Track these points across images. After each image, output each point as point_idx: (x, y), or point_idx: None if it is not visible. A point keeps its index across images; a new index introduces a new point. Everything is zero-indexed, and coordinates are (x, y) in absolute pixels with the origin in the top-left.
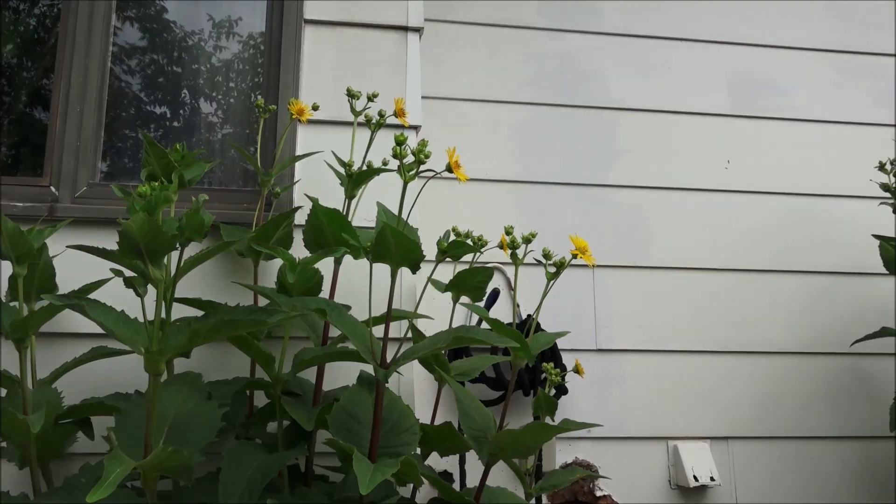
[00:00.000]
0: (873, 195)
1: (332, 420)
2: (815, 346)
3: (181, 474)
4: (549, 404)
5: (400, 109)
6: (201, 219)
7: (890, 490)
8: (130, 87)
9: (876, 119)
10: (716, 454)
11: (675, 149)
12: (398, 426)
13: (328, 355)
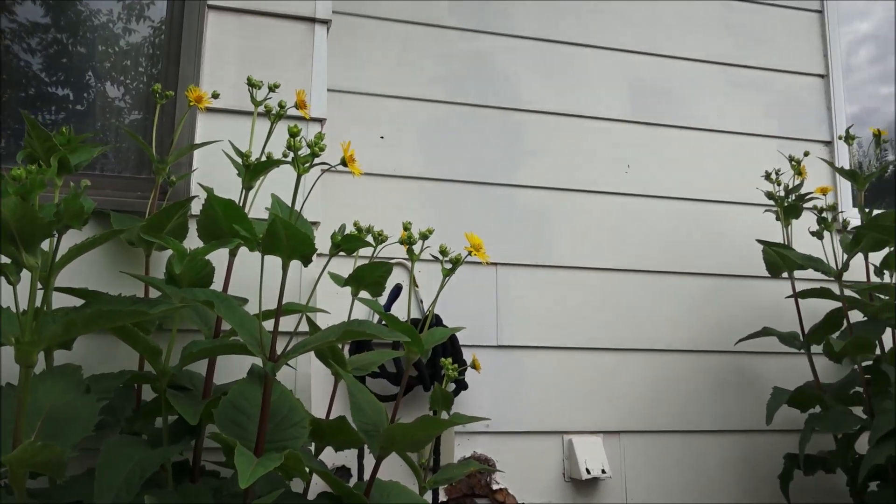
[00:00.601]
0: (760, 202)
1: (218, 414)
2: (703, 344)
3: (53, 470)
4: (445, 398)
5: (301, 101)
6: (81, 205)
7: (768, 480)
8: (30, 66)
9: (765, 131)
10: (608, 447)
11: (579, 152)
12: (288, 420)
13: (216, 348)
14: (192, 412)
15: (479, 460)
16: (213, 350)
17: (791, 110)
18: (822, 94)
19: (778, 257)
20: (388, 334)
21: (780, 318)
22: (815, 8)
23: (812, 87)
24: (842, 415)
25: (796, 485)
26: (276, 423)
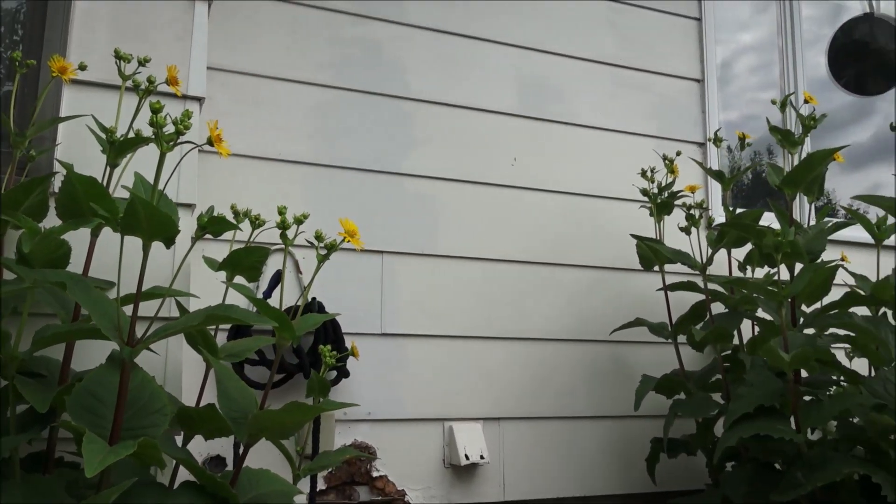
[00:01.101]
0: (637, 199)
1: (70, 401)
2: (582, 333)
3: None
4: (322, 386)
5: (173, 77)
6: None
7: (639, 463)
8: None
9: (644, 130)
10: (488, 434)
11: (468, 143)
12: (148, 407)
13: (70, 333)
14: (42, 399)
15: (359, 448)
16: (67, 335)
17: (669, 112)
18: (698, 98)
19: (650, 251)
20: (254, 319)
21: (654, 309)
22: (694, 15)
23: (689, 91)
24: (702, 400)
25: (662, 466)
26: (135, 411)
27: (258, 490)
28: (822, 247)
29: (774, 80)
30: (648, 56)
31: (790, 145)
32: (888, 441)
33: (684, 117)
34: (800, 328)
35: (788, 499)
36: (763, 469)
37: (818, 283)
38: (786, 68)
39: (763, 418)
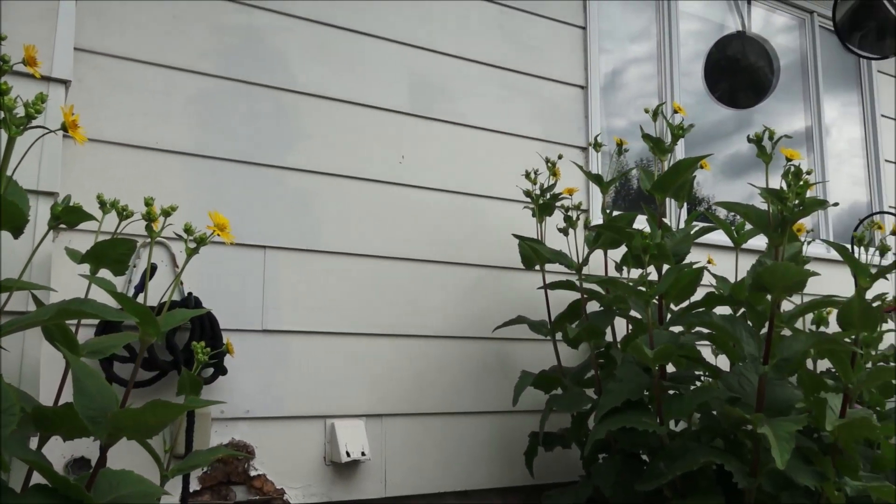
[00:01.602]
0: (521, 199)
1: None
2: (466, 331)
3: None
4: (193, 383)
5: (31, 57)
6: None
7: (519, 457)
8: None
9: (530, 133)
10: (371, 431)
11: (355, 139)
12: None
13: None
14: None
15: (236, 447)
16: None
17: (554, 116)
18: (582, 104)
19: (531, 251)
20: (112, 314)
21: (536, 307)
22: (580, 24)
23: (573, 97)
24: (576, 395)
25: (540, 460)
26: None
27: (119, 492)
28: (687, 249)
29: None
30: (536, 61)
31: (660, 152)
32: (742, 432)
33: (568, 122)
34: (666, 326)
35: (651, 487)
36: (630, 460)
37: (685, 284)
38: (664, 80)
39: (630, 412)
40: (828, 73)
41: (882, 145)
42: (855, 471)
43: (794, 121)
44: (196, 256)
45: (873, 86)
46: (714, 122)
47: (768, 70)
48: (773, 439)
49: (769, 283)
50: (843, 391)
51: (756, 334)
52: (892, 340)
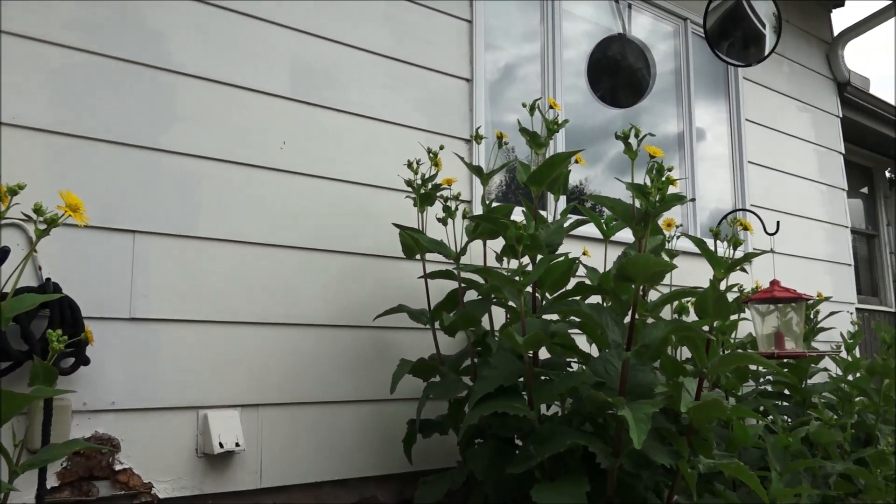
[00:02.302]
0: (404, 189)
1: None
2: (347, 319)
3: None
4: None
5: None
6: None
7: (398, 444)
8: None
9: (416, 123)
10: (246, 421)
11: (236, 123)
12: None
13: None
14: None
15: (100, 440)
16: None
17: (440, 108)
18: (467, 97)
19: (411, 241)
20: None
21: (418, 296)
22: (466, 17)
23: (459, 89)
24: (452, 382)
25: (419, 447)
26: None
27: None
28: (559, 240)
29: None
30: (423, 52)
31: (536, 146)
32: (609, 415)
33: (454, 114)
34: (539, 314)
35: (521, 470)
36: (504, 444)
37: (559, 275)
38: (547, 78)
39: (503, 397)
40: (708, 79)
41: (746, 148)
42: (709, 449)
43: (681, 122)
44: (59, 241)
45: (739, 91)
46: (604, 120)
47: (646, 72)
48: (631, 421)
49: (632, 273)
50: (698, 375)
51: (621, 322)
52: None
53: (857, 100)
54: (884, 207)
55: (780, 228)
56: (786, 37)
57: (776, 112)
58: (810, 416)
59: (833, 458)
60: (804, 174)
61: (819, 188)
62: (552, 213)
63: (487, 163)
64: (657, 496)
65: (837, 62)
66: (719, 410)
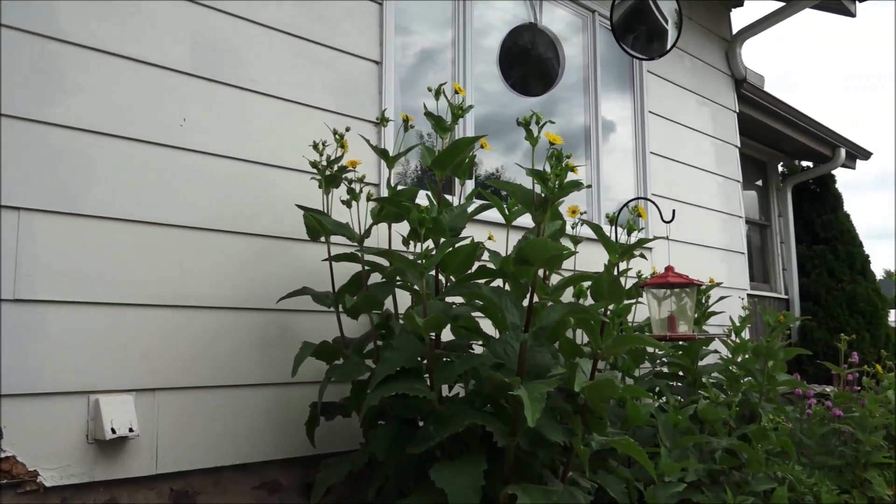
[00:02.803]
0: (310, 170)
1: None
2: (250, 301)
3: None
4: None
5: None
6: None
7: (300, 428)
8: None
9: (324, 105)
10: (142, 406)
11: (131, 97)
12: None
13: None
14: None
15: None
16: None
17: (349, 89)
18: (377, 79)
19: (315, 222)
20: None
21: (323, 279)
22: (377, 0)
23: (368, 72)
24: (354, 365)
25: (323, 430)
26: None
27: None
28: (462, 224)
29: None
30: (332, 32)
31: (441, 130)
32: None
33: (362, 97)
34: (442, 297)
35: (421, 450)
36: (405, 426)
37: (462, 258)
38: (458, 63)
39: (404, 379)
40: (618, 71)
41: (649, 139)
42: (603, 428)
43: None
44: None
45: (643, 84)
46: (523, 109)
47: (555, 61)
48: (526, 400)
49: (530, 257)
50: (593, 357)
51: (520, 305)
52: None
53: (752, 96)
54: (776, 199)
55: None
56: (688, 33)
57: (677, 105)
58: (701, 395)
59: (719, 434)
60: (703, 166)
61: (716, 179)
62: (460, 199)
63: (396, 147)
64: (553, 473)
65: (735, 59)
66: (611, 390)
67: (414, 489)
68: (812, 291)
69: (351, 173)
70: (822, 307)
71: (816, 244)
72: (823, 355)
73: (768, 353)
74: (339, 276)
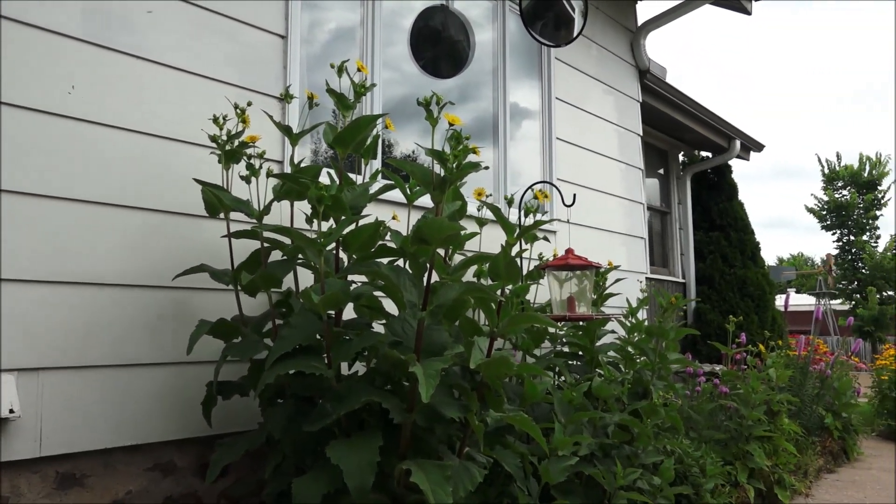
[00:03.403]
0: (211, 144)
1: None
2: (145, 279)
3: None
4: None
5: None
6: None
7: (197, 408)
8: None
9: (226, 77)
10: (24, 386)
11: (13, 61)
12: None
13: None
14: None
15: None
16: None
17: (252, 63)
18: (281, 54)
19: (214, 198)
20: None
21: (223, 256)
22: None
23: (273, 46)
24: (252, 343)
25: (222, 410)
26: None
27: None
28: (364, 203)
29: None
30: (235, 3)
31: (344, 108)
32: (403, 373)
33: (266, 71)
34: (343, 276)
35: (317, 427)
36: (303, 404)
37: (365, 238)
38: (366, 43)
39: (302, 356)
40: (529, 57)
41: (556, 124)
42: (500, 404)
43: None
44: None
45: (551, 71)
46: (441, 91)
47: (466, 44)
48: (421, 377)
49: (428, 236)
50: (490, 335)
51: (418, 283)
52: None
53: (655, 87)
54: (676, 187)
55: (584, 203)
56: (595, 23)
57: (584, 93)
58: (597, 373)
59: (612, 410)
60: (607, 153)
61: (619, 166)
62: (365, 178)
63: (302, 124)
64: (451, 449)
65: (640, 50)
66: (507, 367)
67: (311, 467)
68: (707, 276)
69: (252, 149)
70: (716, 291)
71: (713, 231)
72: (716, 336)
73: (660, 333)
74: (242, 254)
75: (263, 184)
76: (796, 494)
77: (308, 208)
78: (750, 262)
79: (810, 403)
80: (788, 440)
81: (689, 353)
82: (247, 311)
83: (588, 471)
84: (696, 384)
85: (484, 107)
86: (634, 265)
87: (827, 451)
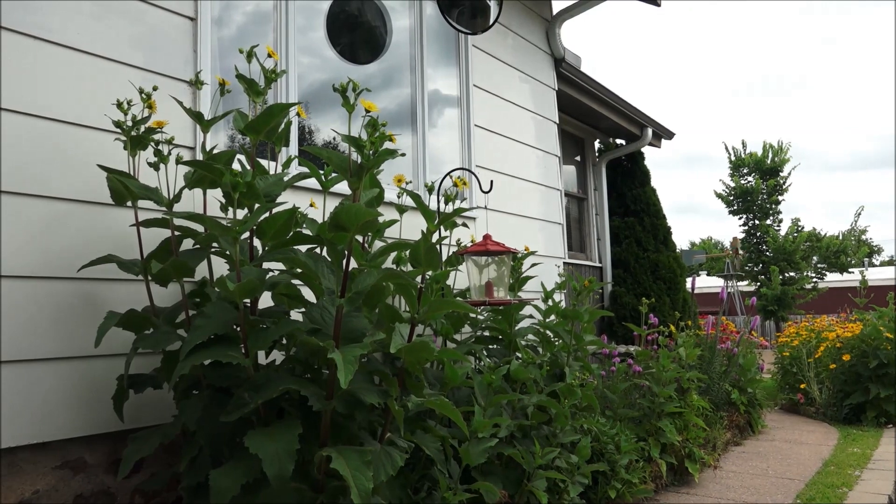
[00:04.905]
0: (115, 130)
1: None
2: (47, 270)
3: None
4: None
5: None
6: None
7: (108, 402)
8: None
9: (131, 60)
10: None
11: None
12: None
13: None
14: None
15: None
16: None
17: (160, 46)
18: (191, 37)
19: (121, 185)
20: None
21: (132, 246)
22: None
23: (182, 28)
24: (164, 334)
25: (135, 403)
26: None
27: None
28: (279, 191)
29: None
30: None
31: (255, 94)
32: (322, 360)
33: (175, 55)
34: (258, 263)
35: (234, 417)
36: (220, 394)
37: (280, 225)
38: (279, 28)
39: (217, 346)
40: (448, 46)
41: (473, 112)
42: (420, 389)
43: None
44: None
45: (469, 58)
46: (361, 78)
47: (383, 30)
48: (340, 363)
49: (345, 223)
50: (411, 321)
51: (337, 271)
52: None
53: (570, 76)
54: (592, 174)
55: (502, 189)
56: (511, 12)
57: (501, 80)
58: (516, 357)
59: (531, 392)
60: (524, 140)
61: (537, 153)
62: (278, 166)
63: (214, 110)
64: (372, 435)
65: (555, 39)
66: (427, 352)
67: (229, 458)
68: (623, 259)
69: (160, 135)
70: (631, 274)
71: (628, 216)
72: (631, 318)
73: (574, 315)
74: (152, 244)
75: (174, 171)
76: (705, 467)
77: (221, 196)
78: (662, 247)
79: (718, 380)
80: (698, 416)
81: (606, 334)
82: (158, 303)
83: (508, 452)
84: (611, 364)
85: (407, 93)
86: (552, 250)
87: (734, 425)
